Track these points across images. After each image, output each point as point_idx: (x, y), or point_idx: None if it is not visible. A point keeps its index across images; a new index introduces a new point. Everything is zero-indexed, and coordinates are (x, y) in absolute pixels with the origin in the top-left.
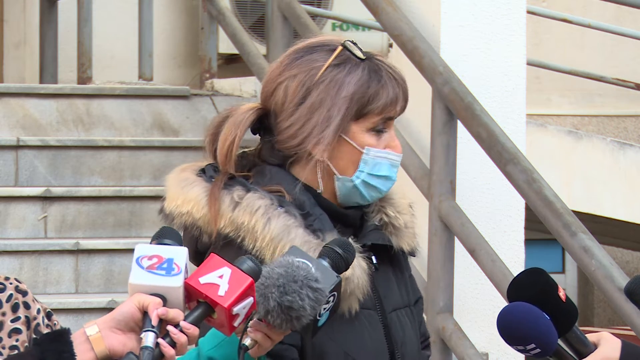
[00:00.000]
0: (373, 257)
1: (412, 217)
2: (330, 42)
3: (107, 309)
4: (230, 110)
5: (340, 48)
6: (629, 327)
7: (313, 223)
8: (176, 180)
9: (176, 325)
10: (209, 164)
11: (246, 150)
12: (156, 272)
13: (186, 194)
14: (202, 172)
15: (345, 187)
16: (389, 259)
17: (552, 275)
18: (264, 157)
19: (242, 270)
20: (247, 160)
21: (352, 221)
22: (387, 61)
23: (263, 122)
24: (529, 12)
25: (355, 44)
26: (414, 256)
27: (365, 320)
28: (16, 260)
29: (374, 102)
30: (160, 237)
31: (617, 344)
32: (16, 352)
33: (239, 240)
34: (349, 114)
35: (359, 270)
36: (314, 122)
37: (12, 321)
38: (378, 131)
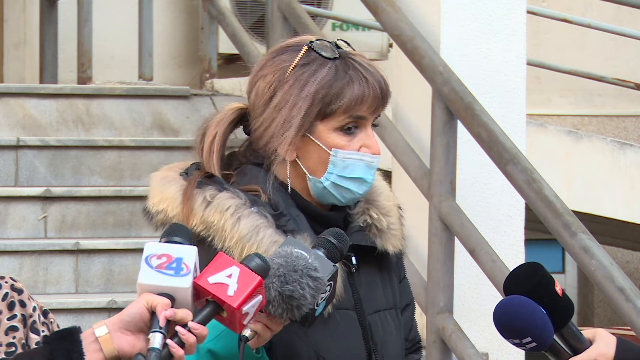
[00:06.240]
0: (353, 258)
1: (399, 219)
2: (301, 42)
3: (107, 309)
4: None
5: (305, 48)
6: (628, 327)
7: (286, 224)
8: (158, 179)
9: (184, 325)
10: (193, 163)
11: (236, 150)
12: (165, 272)
13: (163, 192)
14: (186, 171)
15: (316, 188)
16: (376, 260)
17: (552, 276)
18: (247, 156)
19: (250, 269)
20: (235, 159)
21: (334, 223)
22: (363, 60)
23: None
24: (529, 12)
25: (331, 43)
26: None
27: (340, 320)
28: (16, 260)
29: (338, 101)
30: (170, 235)
31: (612, 340)
32: (14, 349)
33: (209, 239)
34: (311, 112)
35: None
36: (277, 121)
37: (9, 319)
38: (348, 130)
